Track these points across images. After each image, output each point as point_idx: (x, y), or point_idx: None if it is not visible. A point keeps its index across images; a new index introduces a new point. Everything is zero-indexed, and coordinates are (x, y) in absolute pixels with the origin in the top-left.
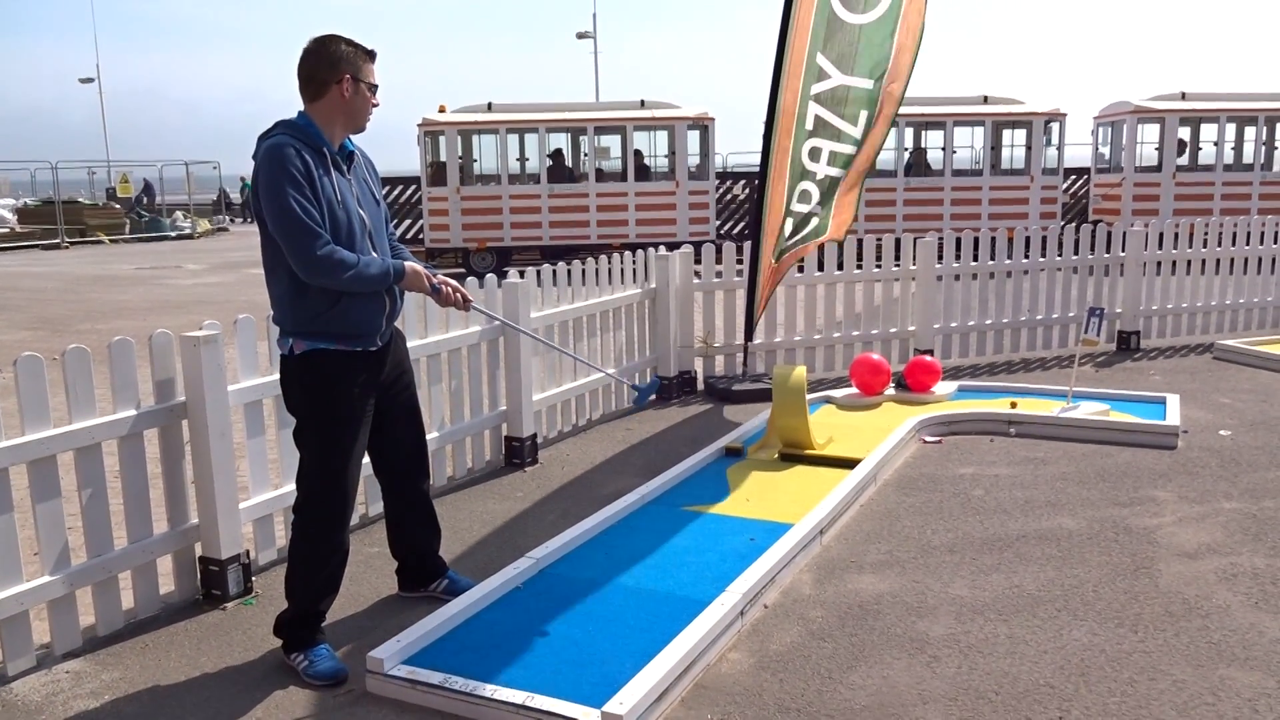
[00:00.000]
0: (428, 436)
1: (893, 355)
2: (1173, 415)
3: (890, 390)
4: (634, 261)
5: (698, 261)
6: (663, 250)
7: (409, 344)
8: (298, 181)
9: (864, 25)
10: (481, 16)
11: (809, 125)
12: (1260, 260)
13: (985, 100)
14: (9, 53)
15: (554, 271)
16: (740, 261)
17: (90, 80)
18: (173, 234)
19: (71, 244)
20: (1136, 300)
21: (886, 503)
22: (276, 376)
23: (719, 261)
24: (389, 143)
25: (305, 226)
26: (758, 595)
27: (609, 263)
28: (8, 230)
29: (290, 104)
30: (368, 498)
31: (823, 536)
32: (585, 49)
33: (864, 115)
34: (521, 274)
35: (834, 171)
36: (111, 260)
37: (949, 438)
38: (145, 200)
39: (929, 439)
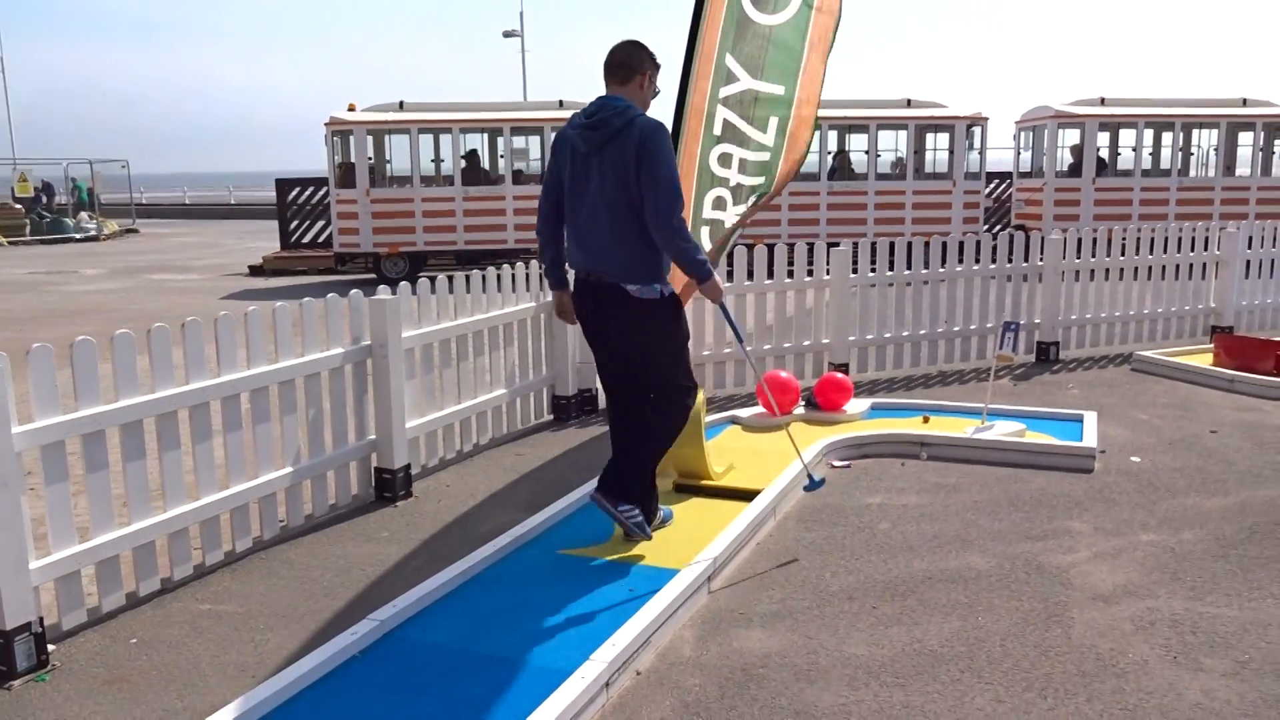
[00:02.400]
0: (279, 474)
1: (806, 369)
2: (1089, 435)
3: (800, 409)
4: (528, 272)
5: None
6: None
7: (260, 369)
8: (670, 148)
9: (775, 26)
10: (407, 12)
11: (717, 130)
12: (1178, 268)
13: (909, 104)
14: None
15: (432, 283)
16: None
17: None
18: (77, 236)
19: None
20: (1055, 310)
21: (785, 539)
22: (89, 412)
23: None
24: (299, 142)
25: (680, 194)
26: (629, 661)
27: (498, 273)
28: None
29: (231, 99)
30: (205, 547)
31: (710, 584)
32: (513, 48)
33: (774, 122)
34: (420, 284)
35: (747, 180)
36: (6, 263)
37: (859, 461)
38: (45, 200)
39: (837, 464)
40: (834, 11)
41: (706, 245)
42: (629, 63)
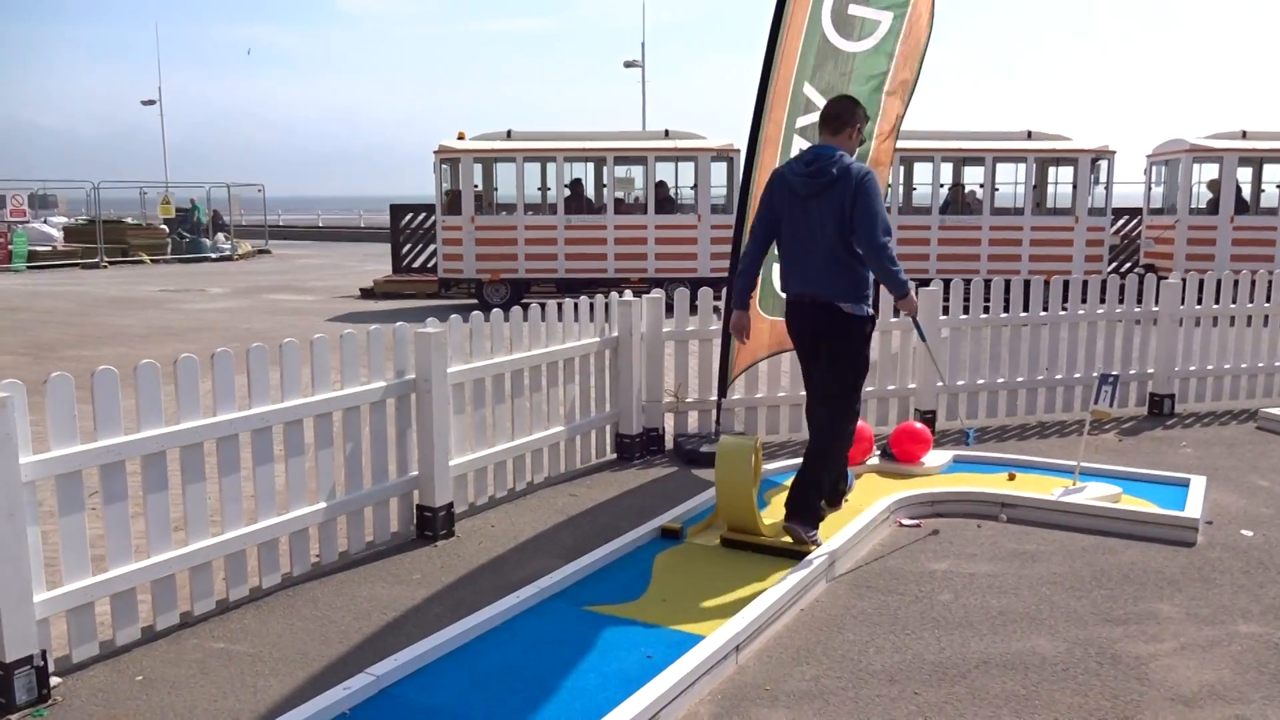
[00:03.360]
0: (312, 509)
1: (891, 416)
2: (1194, 504)
3: (874, 459)
4: (592, 303)
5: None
6: (680, 288)
7: (295, 402)
8: (878, 192)
9: (858, 54)
10: (539, 42)
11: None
12: None
13: (1029, 136)
14: (88, 75)
15: (491, 318)
16: (719, 310)
17: (152, 102)
18: (213, 256)
19: (112, 263)
20: (1171, 360)
21: (833, 607)
22: (108, 443)
23: (694, 309)
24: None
25: (889, 226)
26: None
27: (560, 308)
28: (51, 248)
29: (374, 127)
30: (229, 582)
31: (739, 654)
32: (634, 78)
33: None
34: (494, 312)
35: None
36: (142, 281)
37: (931, 520)
38: (199, 224)
39: (906, 522)
40: (919, 41)
41: (776, 286)
42: (842, 116)
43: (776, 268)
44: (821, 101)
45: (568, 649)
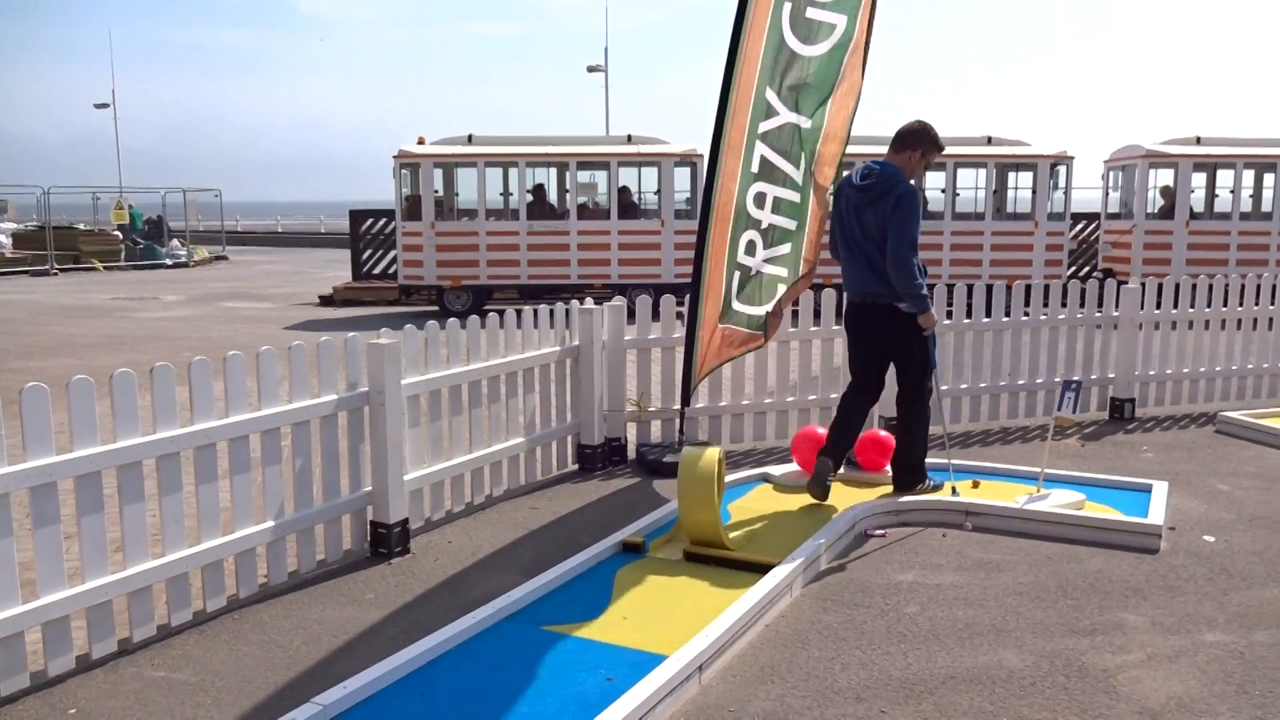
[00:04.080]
0: (259, 528)
1: None
2: (1157, 510)
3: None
4: (552, 314)
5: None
6: (647, 295)
7: (240, 418)
8: (917, 210)
9: (815, 58)
10: (502, 46)
11: (755, 168)
12: (1271, 320)
13: (989, 141)
14: (46, 78)
15: (447, 327)
16: (682, 316)
17: (106, 105)
18: (169, 262)
19: (63, 270)
20: (1131, 364)
21: (799, 621)
22: (38, 464)
23: (656, 316)
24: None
25: (915, 246)
26: None
27: (519, 316)
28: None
29: (345, 131)
30: (171, 607)
31: (702, 674)
32: (597, 83)
33: (803, 158)
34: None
35: (780, 221)
36: (94, 289)
37: (897, 530)
38: (156, 230)
39: (872, 532)
40: (862, 45)
41: (734, 291)
42: (906, 139)
43: (736, 276)
44: (782, 106)
45: (525, 672)
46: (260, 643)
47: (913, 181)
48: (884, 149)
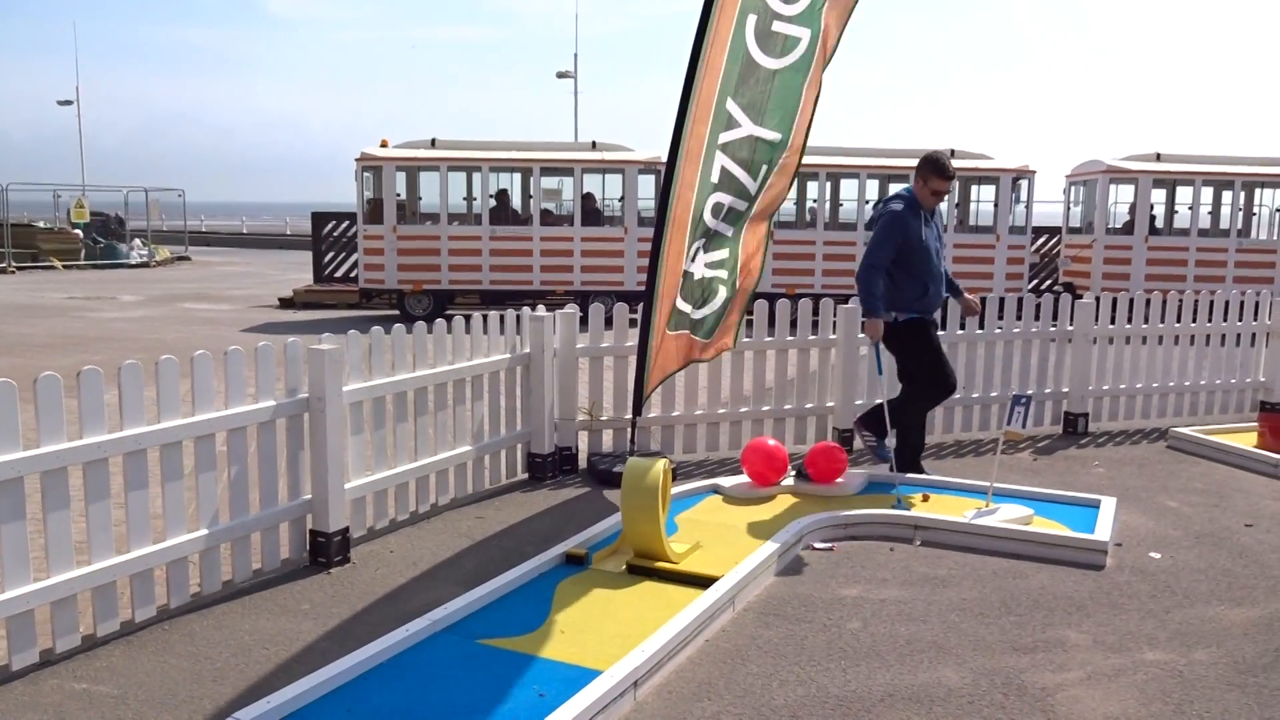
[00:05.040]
0: (191, 537)
1: (809, 435)
2: (1104, 526)
3: (789, 480)
4: (503, 320)
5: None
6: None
7: (173, 423)
8: (892, 231)
9: (778, 70)
10: (479, 50)
11: (714, 177)
12: (1224, 337)
13: (953, 154)
14: (10, 73)
15: (393, 333)
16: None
17: (69, 103)
18: (130, 262)
19: (20, 269)
20: (1085, 379)
21: (739, 636)
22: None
23: (609, 324)
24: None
25: (879, 261)
26: None
27: (468, 322)
28: None
29: (315, 133)
30: (97, 617)
31: (637, 690)
32: (566, 89)
33: (764, 169)
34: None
35: (722, 228)
36: (51, 288)
37: (844, 543)
38: (117, 229)
39: (819, 545)
40: (824, 59)
41: (680, 298)
42: (917, 167)
43: (683, 284)
44: (744, 117)
45: (456, 687)
46: (188, 654)
47: (930, 204)
48: (851, 160)
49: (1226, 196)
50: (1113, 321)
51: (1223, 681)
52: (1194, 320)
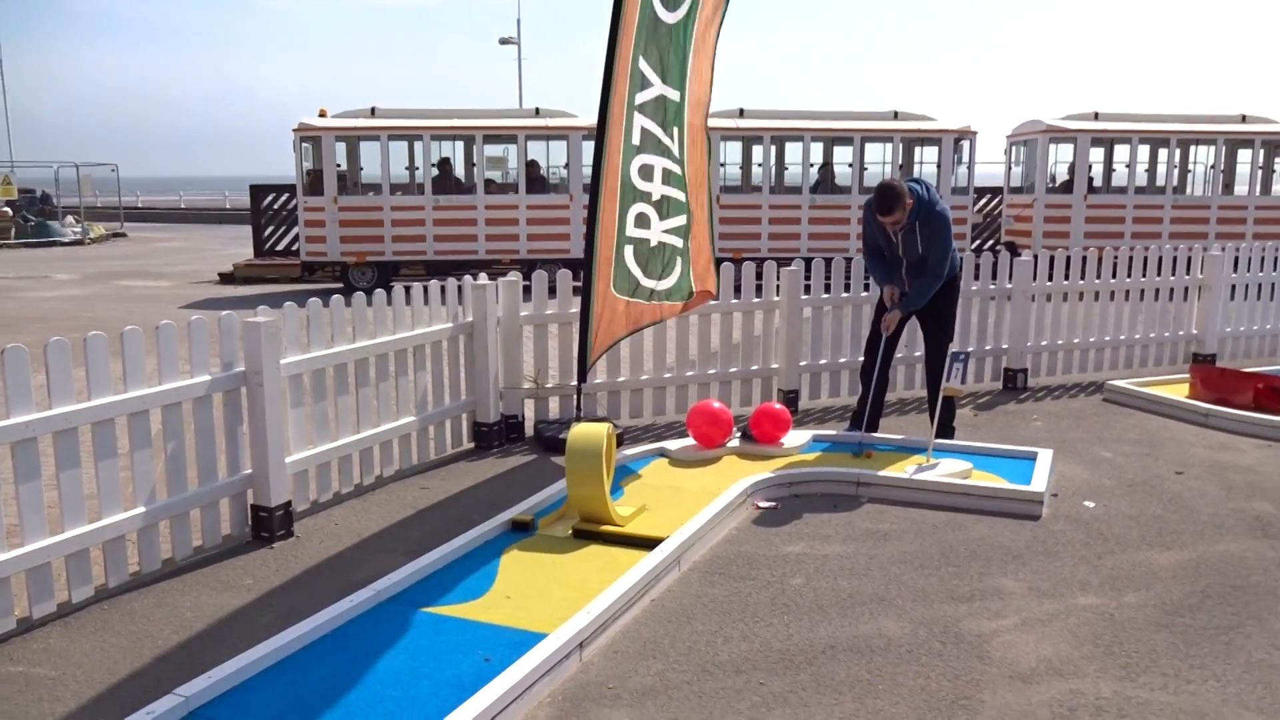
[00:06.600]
0: (128, 515)
1: (754, 396)
2: (1040, 478)
3: (734, 442)
4: (444, 290)
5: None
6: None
7: (104, 400)
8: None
9: (675, 24)
10: (422, 15)
11: (635, 139)
12: (1158, 291)
13: (896, 116)
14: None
15: (331, 304)
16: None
17: None
18: (64, 240)
19: None
20: (1024, 335)
21: (684, 596)
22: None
23: (554, 292)
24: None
25: (865, 244)
26: None
27: (409, 293)
28: None
29: (267, 105)
30: (32, 598)
31: (583, 651)
32: (510, 55)
33: (677, 129)
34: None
35: (672, 192)
36: None
37: (789, 501)
38: (42, 205)
39: (763, 504)
40: (719, 10)
41: (631, 265)
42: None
43: (630, 250)
44: (655, 76)
45: (401, 655)
46: (128, 633)
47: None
48: (795, 123)
49: (1163, 154)
50: (1050, 279)
51: (1151, 623)
52: (1129, 276)
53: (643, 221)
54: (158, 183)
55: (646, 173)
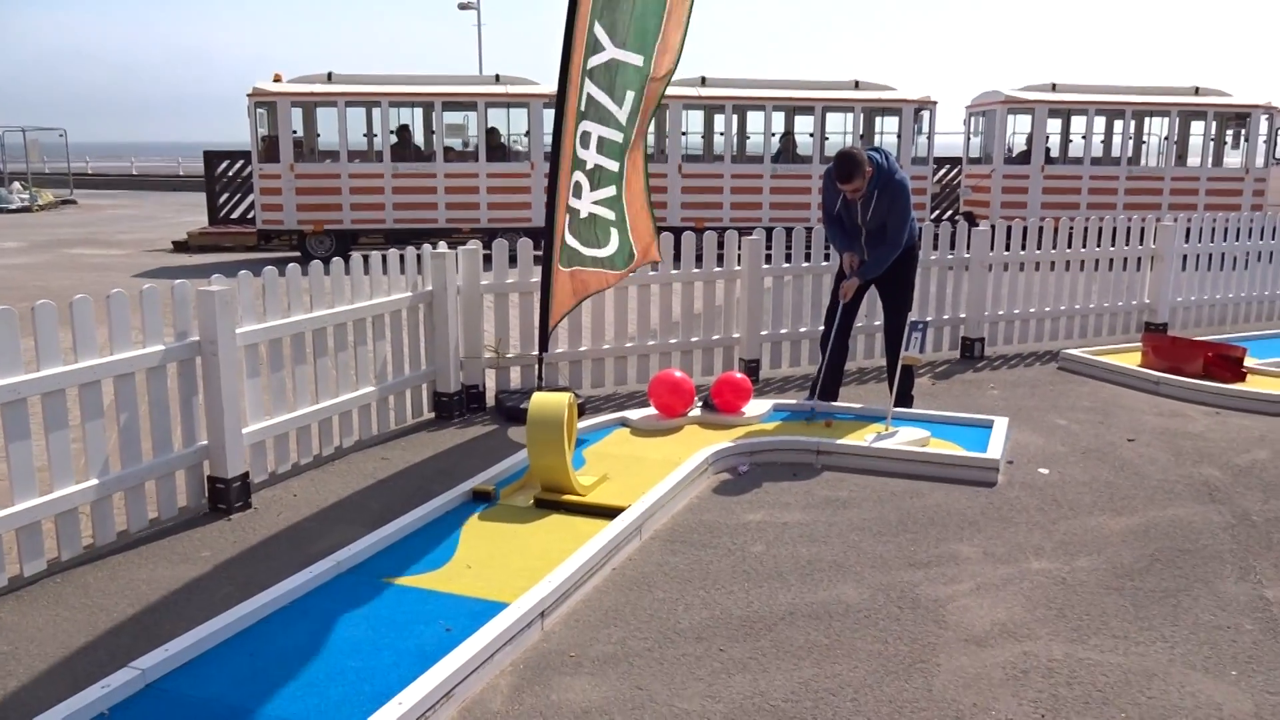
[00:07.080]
0: (80, 487)
1: (716, 365)
2: (996, 445)
3: (696, 411)
4: (403, 259)
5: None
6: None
7: (53, 371)
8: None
9: None
10: None
11: (582, 105)
12: (1112, 261)
13: (857, 85)
14: None
15: (287, 272)
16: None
17: None
18: (10, 207)
19: None
20: (981, 304)
21: (646, 564)
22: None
23: (514, 260)
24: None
25: (827, 217)
26: (424, 719)
27: (367, 261)
28: None
29: (223, 67)
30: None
31: (544, 620)
32: (469, 21)
33: (630, 96)
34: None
35: (605, 162)
36: None
37: (748, 470)
38: None
39: (743, 469)
40: None
41: (568, 235)
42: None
43: (567, 220)
44: (607, 40)
45: (361, 626)
46: (83, 607)
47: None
48: (757, 92)
49: (1118, 126)
50: (1008, 249)
51: (1102, 586)
52: (1084, 246)
53: (577, 190)
54: (109, 148)
55: (585, 139)
